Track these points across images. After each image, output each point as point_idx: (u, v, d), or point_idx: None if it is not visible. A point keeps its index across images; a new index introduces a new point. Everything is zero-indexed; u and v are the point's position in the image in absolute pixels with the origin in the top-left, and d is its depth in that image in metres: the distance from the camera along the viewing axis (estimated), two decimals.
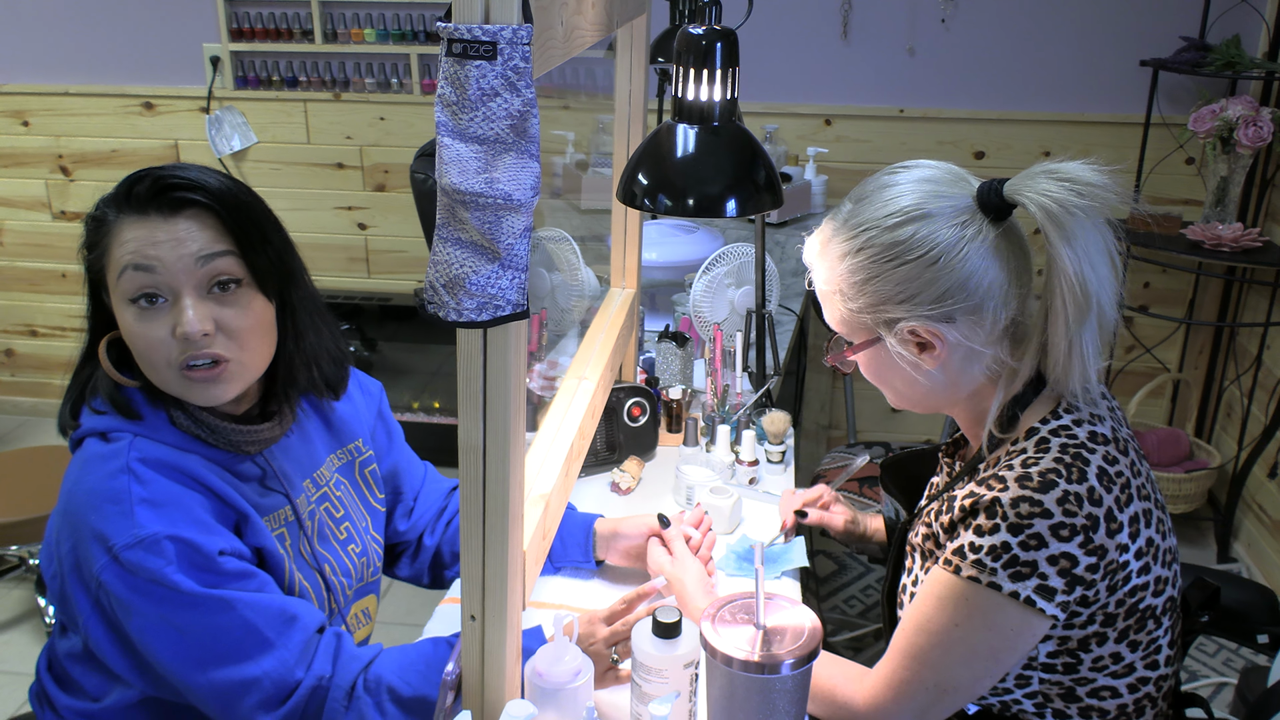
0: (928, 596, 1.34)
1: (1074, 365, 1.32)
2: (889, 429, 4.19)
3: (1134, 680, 1.40)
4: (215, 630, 1.29)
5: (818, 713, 1.42)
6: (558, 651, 1.30)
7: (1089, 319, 1.29)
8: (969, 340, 1.35)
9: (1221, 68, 3.28)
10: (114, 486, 1.29)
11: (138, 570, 1.26)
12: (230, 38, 3.97)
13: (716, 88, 1.42)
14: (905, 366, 1.39)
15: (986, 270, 1.32)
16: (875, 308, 1.36)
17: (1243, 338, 3.70)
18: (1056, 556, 1.26)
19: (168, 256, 1.30)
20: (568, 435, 1.58)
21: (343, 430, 1.62)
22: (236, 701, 1.31)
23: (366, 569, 1.61)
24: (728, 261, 2.48)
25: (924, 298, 1.32)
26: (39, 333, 4.54)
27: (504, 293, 1.04)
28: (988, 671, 1.32)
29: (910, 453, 1.70)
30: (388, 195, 4.15)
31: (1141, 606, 1.35)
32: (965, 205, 1.33)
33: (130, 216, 1.32)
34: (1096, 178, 1.26)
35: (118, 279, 1.31)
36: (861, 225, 1.35)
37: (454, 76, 0.96)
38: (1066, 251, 1.25)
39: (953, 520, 1.35)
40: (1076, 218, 1.24)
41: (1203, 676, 3.04)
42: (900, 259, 1.32)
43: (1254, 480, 3.56)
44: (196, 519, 1.31)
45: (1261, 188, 3.53)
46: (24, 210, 4.34)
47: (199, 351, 1.31)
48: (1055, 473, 1.28)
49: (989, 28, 3.66)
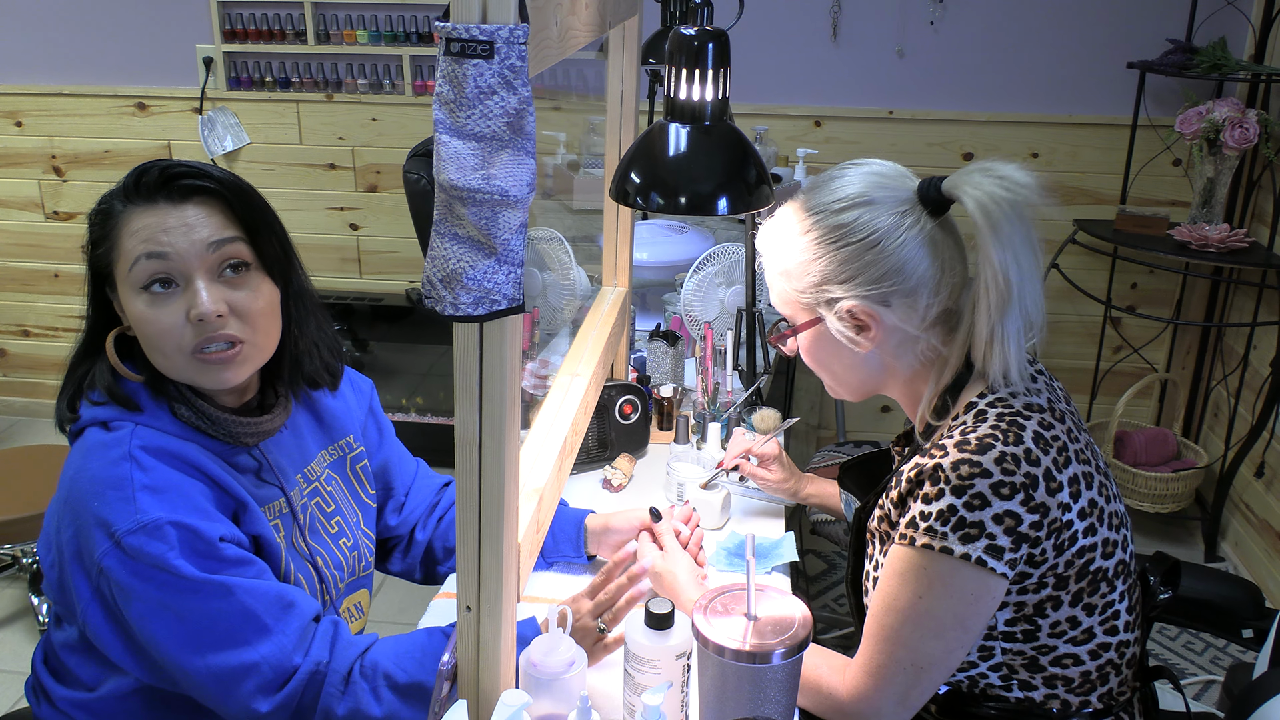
0: (889, 575, 1.38)
1: (995, 352, 1.38)
2: (878, 429, 4.21)
3: (1095, 647, 1.43)
4: (214, 615, 1.31)
5: (805, 704, 1.45)
6: (552, 642, 1.32)
7: (1011, 308, 1.35)
8: (904, 324, 1.43)
9: (1208, 70, 3.31)
10: (116, 473, 1.31)
11: (140, 555, 1.27)
12: (223, 38, 3.98)
13: (708, 87, 1.44)
14: (844, 348, 1.47)
15: (922, 258, 1.40)
16: (818, 287, 1.45)
17: (1229, 338, 3.73)
18: (1001, 515, 1.31)
19: (179, 243, 1.33)
20: (561, 431, 1.59)
21: (334, 426, 1.64)
22: (234, 686, 1.32)
23: (358, 563, 1.62)
24: (718, 261, 2.50)
25: (863, 279, 1.41)
26: (31, 333, 4.55)
27: (500, 287, 1.06)
28: (959, 642, 1.36)
29: (869, 454, 1.74)
30: (380, 196, 4.16)
31: (1092, 569, 1.39)
32: (906, 197, 1.42)
33: (139, 206, 1.34)
34: (1026, 178, 1.35)
35: (129, 269, 1.33)
36: (810, 209, 1.46)
37: (452, 75, 0.98)
38: (993, 242, 1.33)
39: (901, 494, 1.40)
40: (1004, 211, 1.33)
41: (1191, 674, 3.07)
42: (843, 240, 1.42)
43: (1241, 479, 3.58)
44: (197, 506, 1.33)
45: (1248, 189, 3.56)
46: (17, 210, 4.35)
47: (214, 334, 1.34)
48: (992, 437, 1.34)
49: (977, 30, 3.69)
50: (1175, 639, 3.22)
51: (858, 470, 1.74)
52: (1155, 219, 3.48)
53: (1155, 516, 3.69)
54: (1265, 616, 1.80)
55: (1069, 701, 1.45)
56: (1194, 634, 3.23)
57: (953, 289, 1.44)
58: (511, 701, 1.18)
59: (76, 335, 1.46)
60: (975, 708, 1.47)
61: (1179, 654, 3.16)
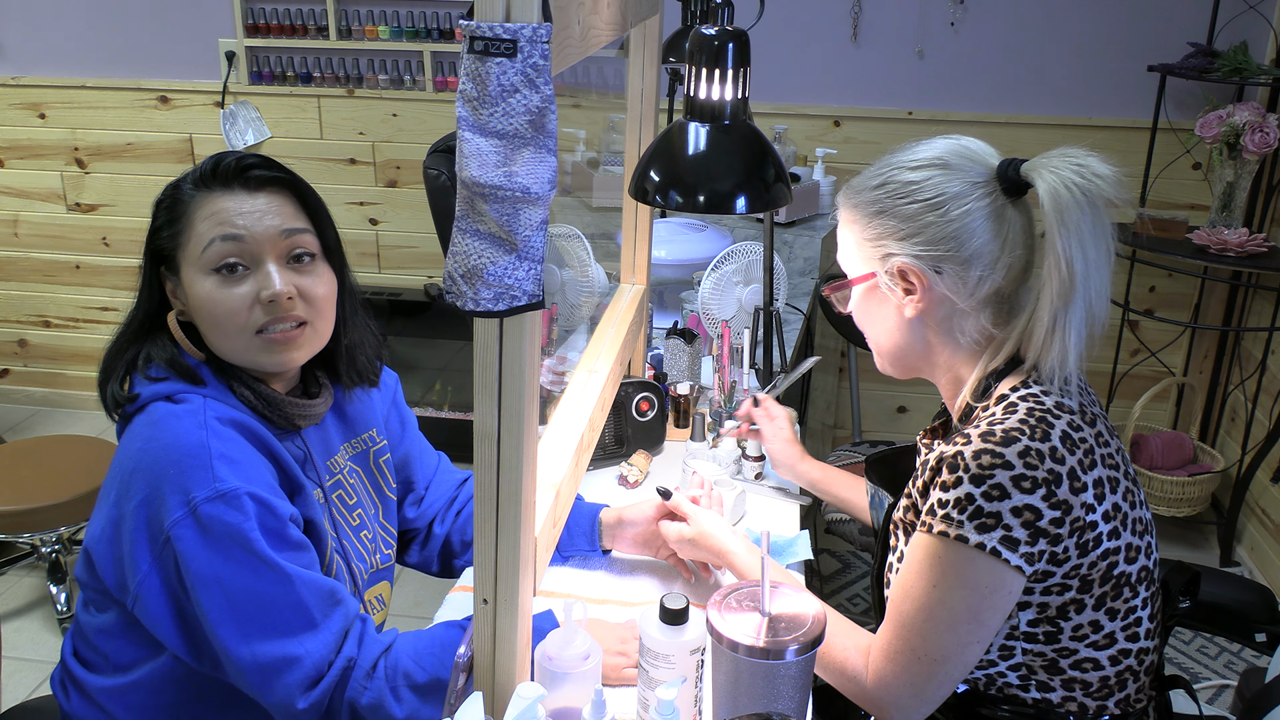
0: (910, 563, 1.39)
1: (1054, 343, 1.37)
2: (895, 429, 4.21)
3: (1115, 652, 1.42)
4: (268, 602, 1.32)
5: (831, 682, 1.46)
6: (567, 635, 1.33)
7: (1074, 300, 1.34)
8: (952, 294, 1.42)
9: (1229, 74, 3.30)
10: (193, 440, 1.33)
11: (215, 524, 1.29)
12: (245, 33, 4.00)
13: (728, 87, 1.45)
14: (888, 309, 1.48)
15: (983, 231, 1.40)
16: (878, 240, 1.45)
17: (1248, 342, 3.72)
18: (1020, 508, 1.30)
19: (255, 227, 1.39)
20: (578, 426, 1.60)
21: (356, 420, 1.66)
22: (276, 676, 1.33)
23: (375, 555, 1.64)
24: (736, 260, 2.51)
25: (920, 239, 1.41)
26: (52, 323, 4.58)
27: (520, 283, 1.07)
28: (973, 636, 1.35)
29: (894, 449, 1.74)
30: (400, 191, 4.18)
31: (1116, 572, 1.38)
32: (984, 170, 1.42)
33: (215, 191, 1.41)
34: (1105, 169, 1.34)
35: (203, 251, 1.38)
36: (889, 164, 1.46)
37: (475, 73, 0.99)
38: (1059, 226, 1.32)
39: (924, 483, 1.40)
40: (1074, 196, 1.31)
41: (1205, 678, 3.06)
42: (911, 198, 1.42)
43: (1257, 484, 3.57)
44: (266, 482, 1.36)
45: (1267, 193, 3.54)
46: (39, 202, 4.38)
47: (284, 314, 1.41)
48: (1019, 430, 1.33)
49: (998, 32, 3.68)
50: (1189, 643, 3.22)
51: (883, 465, 1.74)
52: (1174, 223, 3.47)
53: (1171, 520, 3.68)
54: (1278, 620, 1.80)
55: (1086, 705, 1.44)
56: (1208, 638, 3.23)
57: (1010, 270, 1.42)
58: (527, 694, 1.19)
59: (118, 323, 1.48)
60: (991, 708, 1.46)
61: (1193, 658, 3.15)
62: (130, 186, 4.30)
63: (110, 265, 4.43)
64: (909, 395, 4.17)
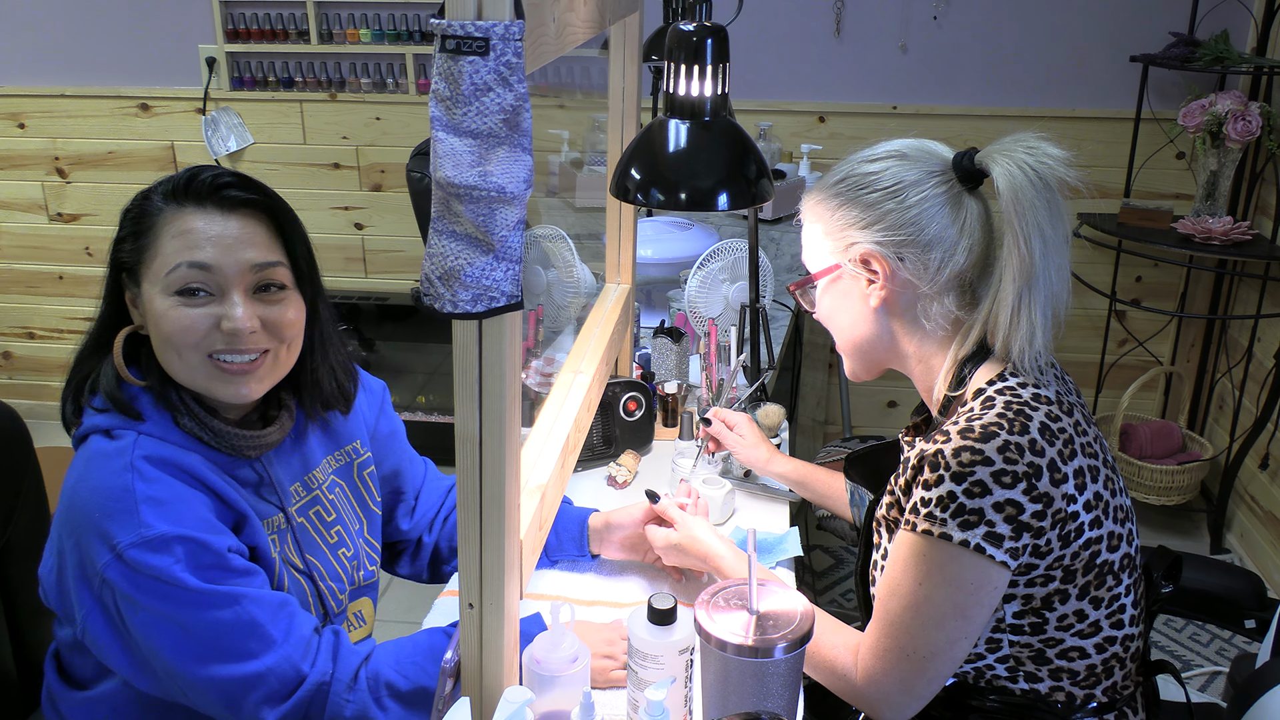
0: (895, 561, 1.39)
1: (1021, 323, 1.39)
2: (884, 424, 4.21)
3: (1101, 640, 1.43)
4: (219, 627, 1.30)
5: (823, 683, 1.46)
6: (555, 638, 1.32)
7: (1036, 280, 1.37)
8: (915, 279, 1.44)
9: (1210, 63, 3.30)
10: (118, 484, 1.29)
11: (142, 568, 1.26)
12: (226, 39, 3.98)
13: (707, 83, 1.44)
14: (853, 300, 1.50)
15: (942, 216, 1.43)
16: (840, 232, 1.48)
17: (1234, 330, 3.73)
18: (1001, 504, 1.30)
19: (224, 259, 1.34)
20: (564, 428, 1.59)
21: (341, 433, 1.62)
22: (241, 698, 1.32)
23: (358, 572, 1.61)
24: (722, 257, 2.50)
25: (881, 226, 1.44)
26: (36, 335, 4.56)
27: (498, 284, 1.06)
28: (961, 632, 1.35)
29: (875, 446, 1.74)
30: (384, 195, 4.17)
31: (1099, 561, 1.39)
32: (939, 161, 1.47)
33: (187, 208, 1.35)
34: (1057, 151, 1.39)
35: (167, 272, 1.33)
36: (849, 161, 1.52)
37: (447, 72, 0.99)
38: (1015, 209, 1.36)
39: (906, 481, 1.40)
40: (1029, 178, 1.36)
41: (1197, 665, 3.07)
42: (870, 188, 1.46)
43: (1246, 472, 3.58)
44: (201, 518, 1.32)
45: (1251, 181, 3.55)
46: (20, 212, 4.36)
47: (242, 347, 1.35)
48: (998, 425, 1.33)
49: (981, 25, 3.68)
50: (1181, 630, 3.22)
51: (863, 462, 1.74)
52: (1159, 212, 3.47)
53: (1161, 509, 3.69)
54: (1267, 607, 1.80)
55: (1074, 694, 1.45)
56: (1199, 626, 3.23)
57: (970, 254, 1.44)
58: (514, 698, 1.18)
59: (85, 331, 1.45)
60: (980, 700, 1.47)
61: (1185, 645, 3.16)
62: (112, 195, 4.27)
63: (93, 275, 4.40)
64: (899, 390, 4.17)
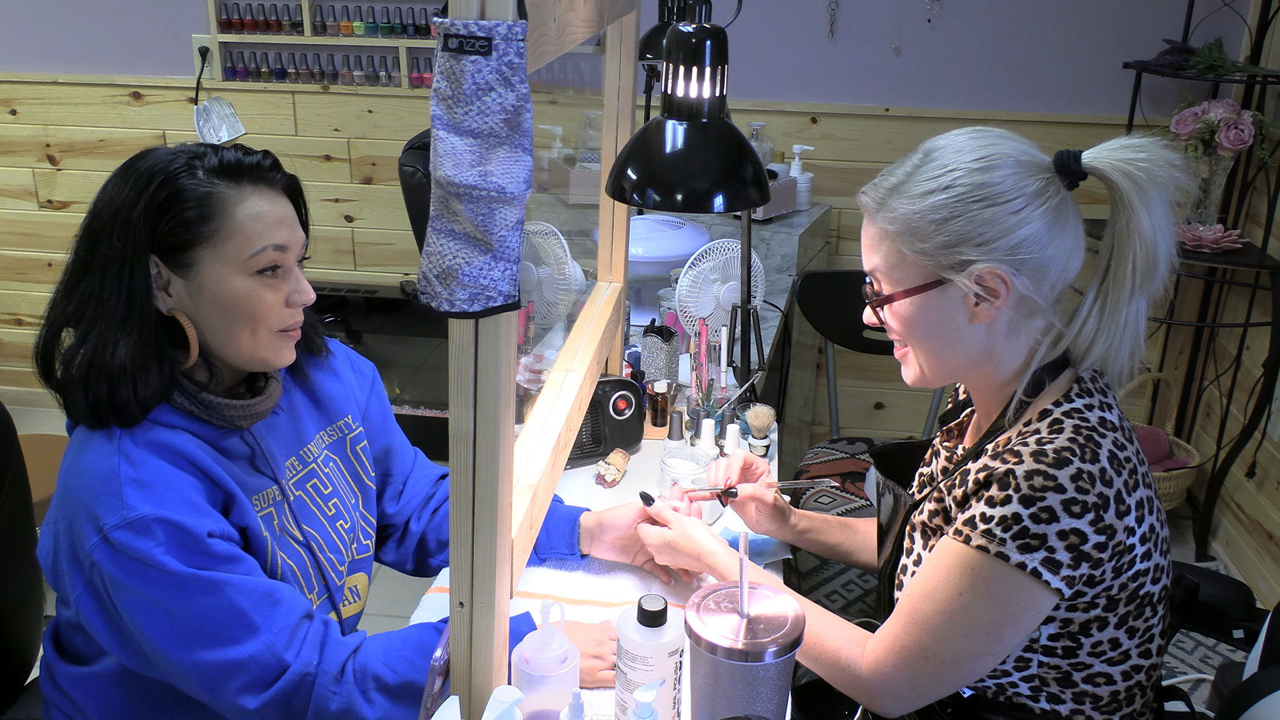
0: (935, 565, 1.36)
1: (1128, 334, 1.37)
2: (871, 425, 4.22)
3: (1128, 668, 1.42)
4: (202, 612, 1.31)
5: (821, 673, 1.45)
6: (545, 638, 1.32)
7: (1154, 277, 1.34)
8: (1032, 293, 1.36)
9: (1204, 71, 3.31)
10: (104, 467, 1.32)
11: (126, 550, 1.28)
12: (219, 28, 3.97)
13: (705, 85, 1.44)
14: (955, 319, 1.39)
15: (1059, 229, 1.35)
16: (950, 248, 1.35)
17: (1222, 338, 3.74)
18: (1066, 532, 1.28)
19: (291, 240, 1.43)
20: (555, 427, 1.59)
21: (331, 408, 1.65)
22: (223, 683, 1.33)
23: (355, 545, 1.62)
24: (713, 257, 2.50)
25: (1002, 243, 1.33)
26: (25, 322, 4.53)
27: (496, 284, 1.06)
28: (988, 647, 1.34)
29: (898, 444, 1.73)
30: (375, 188, 4.16)
31: (1141, 593, 1.37)
32: (1045, 164, 1.37)
33: (246, 187, 1.40)
34: (1160, 146, 1.33)
35: (252, 254, 1.38)
36: (947, 166, 1.36)
37: (449, 71, 0.98)
38: (1141, 206, 1.31)
39: (965, 493, 1.36)
40: (1154, 180, 1.30)
41: (1181, 673, 3.07)
42: (987, 200, 1.33)
43: (1232, 479, 3.59)
44: (186, 500, 1.33)
45: (1242, 190, 3.56)
46: (11, 199, 4.34)
47: (300, 318, 1.47)
48: (1070, 451, 1.30)
49: (974, 28, 3.69)
50: None
51: (886, 462, 1.71)
52: None
53: None
54: (1255, 618, 1.80)
55: (1092, 718, 1.43)
56: (1183, 633, 3.24)
57: (1080, 263, 1.39)
58: (504, 698, 1.18)
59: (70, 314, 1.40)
60: (996, 716, 1.45)
61: (1169, 653, 3.16)
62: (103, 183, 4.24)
63: None
64: (886, 392, 4.17)
